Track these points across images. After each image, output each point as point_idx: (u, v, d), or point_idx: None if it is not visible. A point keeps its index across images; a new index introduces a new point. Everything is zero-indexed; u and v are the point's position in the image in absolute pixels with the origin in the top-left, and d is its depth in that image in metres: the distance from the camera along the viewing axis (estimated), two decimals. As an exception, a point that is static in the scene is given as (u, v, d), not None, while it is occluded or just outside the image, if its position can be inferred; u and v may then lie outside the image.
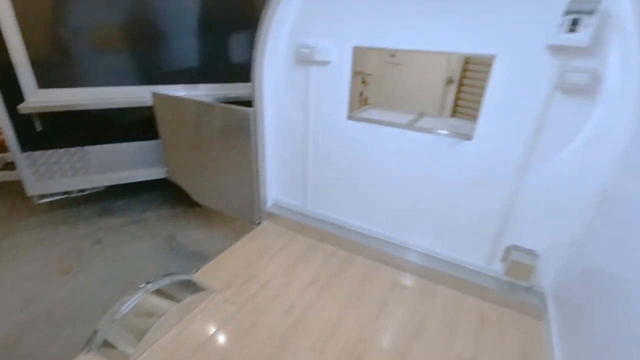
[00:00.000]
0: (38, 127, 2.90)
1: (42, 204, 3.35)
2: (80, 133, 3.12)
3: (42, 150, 2.99)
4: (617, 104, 1.44)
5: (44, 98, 2.82)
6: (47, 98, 2.83)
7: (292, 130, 2.40)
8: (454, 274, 1.99)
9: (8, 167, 3.69)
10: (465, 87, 4.20)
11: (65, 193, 3.32)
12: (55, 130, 3.00)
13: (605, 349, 1.16)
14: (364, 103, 4.61)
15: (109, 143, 3.24)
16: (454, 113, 4.31)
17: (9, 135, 2.82)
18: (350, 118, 2.16)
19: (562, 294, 1.70)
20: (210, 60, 3.48)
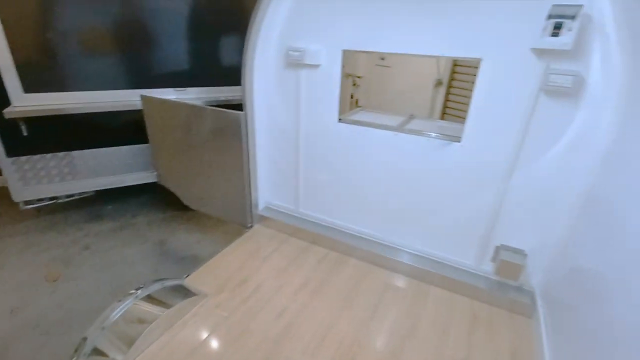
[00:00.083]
0: (24, 131, 2.85)
1: (29, 210, 3.29)
2: (68, 137, 3.08)
3: (28, 156, 2.94)
4: (599, 106, 1.48)
5: (30, 102, 2.78)
6: (33, 102, 2.79)
7: (283, 133, 2.40)
8: (446, 275, 2.01)
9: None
10: (454, 89, 4.27)
11: (53, 198, 3.27)
12: (42, 135, 2.95)
13: (592, 346, 1.18)
14: (355, 105, 4.65)
15: (98, 147, 3.20)
16: (444, 115, 4.38)
17: (-5, 141, 2.77)
18: (341, 121, 2.17)
19: (550, 293, 1.73)
20: (200, 63, 3.47)
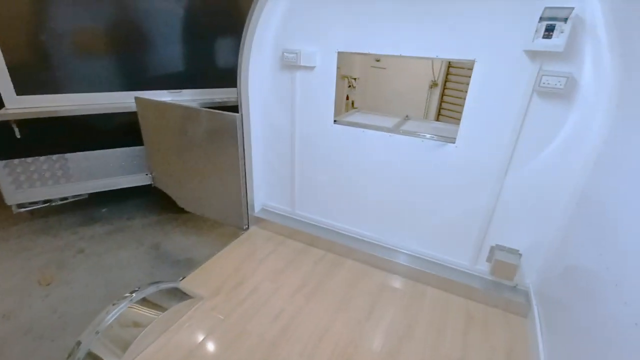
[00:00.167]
0: (17, 134, 2.82)
1: (22, 213, 3.25)
2: (62, 140, 3.05)
3: (21, 159, 2.91)
4: (591, 107, 1.50)
5: (23, 105, 2.75)
6: (26, 105, 2.76)
7: (278, 135, 2.40)
8: (441, 275, 2.02)
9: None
10: (449, 90, 4.30)
11: (47, 202, 3.23)
12: (36, 138, 2.92)
13: (586, 344, 1.19)
14: (351, 106, 4.67)
15: (92, 150, 3.17)
16: (439, 116, 4.40)
17: (-14, 144, 2.74)
18: (337, 122, 2.18)
19: (544, 292, 1.74)
20: (195, 65, 3.46)
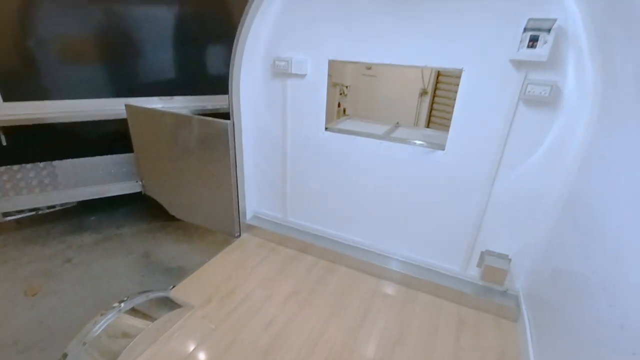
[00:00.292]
0: (3, 141, 2.77)
1: (8, 222, 3.18)
2: (50, 147, 3.00)
3: (7, 166, 2.86)
4: (575, 114, 1.55)
5: (10, 112, 2.71)
6: (12, 112, 2.72)
7: (270, 142, 2.41)
8: (433, 281, 2.03)
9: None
10: (439, 98, 4.37)
11: (34, 210, 3.17)
12: (22, 145, 2.88)
13: (575, 346, 1.21)
14: (343, 114, 4.70)
15: (80, 157, 3.13)
16: (429, 123, 4.46)
17: (-29, 151, 2.69)
18: (328, 129, 2.19)
19: (534, 296, 1.77)
20: (187, 72, 3.45)
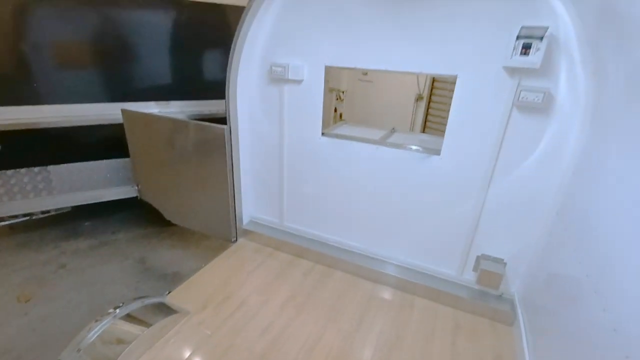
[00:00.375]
0: (-3, 146, 2.75)
1: (1, 227, 3.14)
2: (45, 152, 2.98)
3: (1, 171, 2.83)
4: (568, 120, 1.58)
5: (3, 116, 2.69)
6: (6, 116, 2.70)
7: (267, 147, 2.42)
8: (429, 285, 2.04)
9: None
10: (434, 103, 4.41)
11: (27, 215, 3.14)
12: (16, 150, 2.85)
13: (569, 348, 1.22)
14: (340, 119, 4.73)
15: (75, 162, 3.11)
16: (424, 128, 4.50)
17: (-36, 156, 2.66)
18: (324, 135, 2.20)
19: (529, 300, 1.78)
20: (183, 77, 3.46)
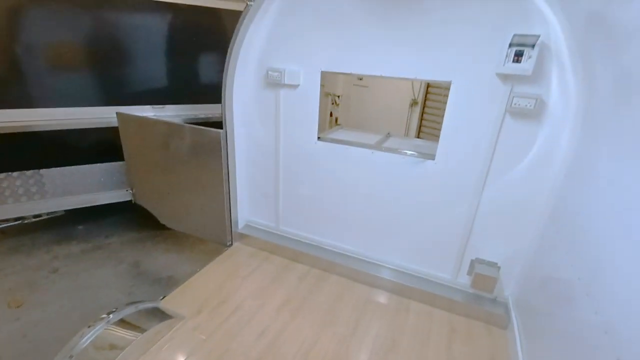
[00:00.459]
0: (-11, 149, 2.72)
1: (-9, 232, 3.10)
2: (37, 155, 2.95)
3: (-8, 174, 2.80)
4: (559, 126, 1.61)
5: (-3, 119, 2.67)
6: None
7: (262, 151, 2.42)
8: (425, 289, 2.05)
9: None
10: (429, 109, 4.45)
11: (19, 219, 3.09)
12: (8, 153, 2.82)
13: (562, 350, 1.23)
14: (335, 123, 4.75)
15: (69, 165, 3.08)
16: (419, 133, 4.54)
17: (-45, 159, 2.63)
18: (320, 139, 2.22)
19: (523, 302, 1.79)
20: (179, 81, 3.45)
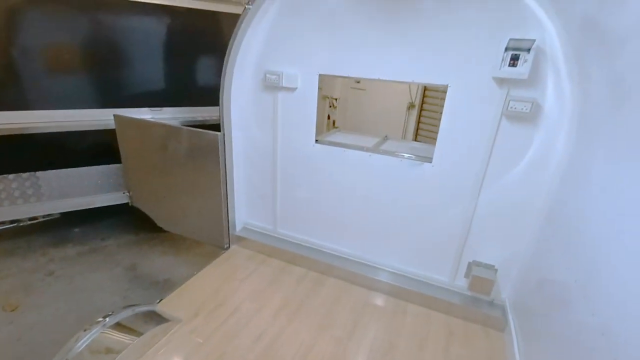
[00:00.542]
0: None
1: (-14, 235, 3.08)
2: (34, 158, 2.94)
3: (-12, 177, 2.78)
4: (555, 129, 1.62)
5: (-6, 121, 2.65)
6: (-3, 121, 2.66)
7: (260, 154, 2.42)
8: (422, 292, 2.05)
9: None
10: (426, 112, 4.47)
11: (14, 222, 3.07)
12: (5, 155, 2.80)
13: (559, 354, 1.24)
14: (333, 125, 4.76)
15: (65, 167, 3.07)
16: (416, 136, 4.55)
17: (-50, 161, 2.61)
18: (318, 142, 2.22)
19: (520, 305, 1.80)
20: (177, 83, 3.45)
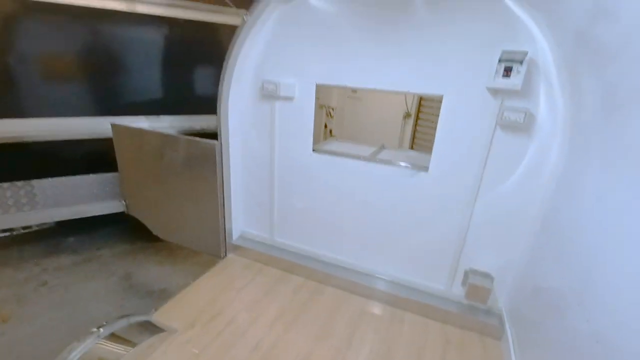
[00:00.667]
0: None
1: (-22, 244, 3.03)
2: (28, 166, 2.92)
3: (-18, 185, 2.76)
4: (548, 139, 1.65)
5: (-10, 129, 2.65)
6: (-7, 129, 2.66)
7: (258, 163, 2.43)
8: (419, 300, 2.05)
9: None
10: (422, 121, 4.52)
11: (7, 230, 3.04)
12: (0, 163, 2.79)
13: (555, 359, 1.24)
14: (330, 135, 4.79)
15: (60, 176, 3.05)
16: (413, 145, 4.60)
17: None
18: (315, 151, 2.24)
19: (516, 314, 1.80)
20: (175, 92, 3.47)
